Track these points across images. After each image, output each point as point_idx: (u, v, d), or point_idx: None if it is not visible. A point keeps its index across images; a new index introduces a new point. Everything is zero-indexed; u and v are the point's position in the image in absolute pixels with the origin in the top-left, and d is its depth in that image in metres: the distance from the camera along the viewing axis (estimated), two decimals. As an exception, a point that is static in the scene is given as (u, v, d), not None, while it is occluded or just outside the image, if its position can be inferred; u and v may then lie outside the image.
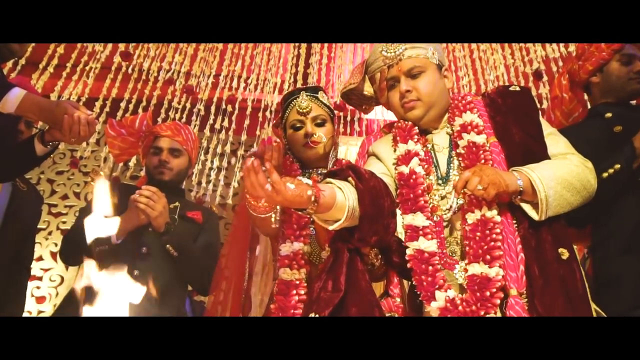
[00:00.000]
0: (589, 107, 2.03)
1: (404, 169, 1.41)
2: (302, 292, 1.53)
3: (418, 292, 1.30)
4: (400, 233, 1.41)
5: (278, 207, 1.55)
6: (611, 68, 1.88)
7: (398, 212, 1.40)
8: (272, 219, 1.56)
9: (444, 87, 1.51)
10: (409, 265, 1.32)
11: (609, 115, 1.85)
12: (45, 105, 1.62)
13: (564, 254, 1.28)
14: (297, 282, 1.56)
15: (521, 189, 1.28)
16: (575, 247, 1.38)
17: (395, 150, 1.48)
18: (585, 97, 2.06)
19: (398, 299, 1.38)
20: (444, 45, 3.60)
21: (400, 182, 1.40)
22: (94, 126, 1.66)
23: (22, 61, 3.24)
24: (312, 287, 1.31)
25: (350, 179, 1.26)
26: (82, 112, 1.62)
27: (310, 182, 1.15)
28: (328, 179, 1.27)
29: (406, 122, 1.49)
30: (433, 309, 1.26)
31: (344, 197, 1.21)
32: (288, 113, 1.81)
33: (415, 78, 1.46)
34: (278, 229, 1.67)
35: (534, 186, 1.28)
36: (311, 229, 1.67)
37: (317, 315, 1.19)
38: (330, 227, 1.25)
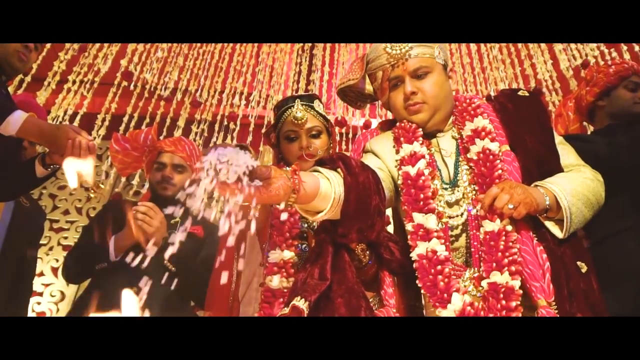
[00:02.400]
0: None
1: (410, 170, 1.34)
2: None
3: (427, 294, 1.23)
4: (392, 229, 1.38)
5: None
6: (618, 93, 2.00)
7: (389, 210, 1.37)
8: (252, 209, 1.53)
9: (450, 89, 1.44)
10: (415, 265, 1.26)
11: None
12: (46, 129, 1.62)
13: (583, 267, 1.25)
14: (285, 291, 1.48)
15: (548, 206, 1.25)
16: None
17: (397, 151, 1.41)
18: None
19: (394, 310, 1.30)
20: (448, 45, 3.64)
21: (407, 182, 1.33)
22: (94, 151, 1.66)
23: (28, 78, 3.28)
24: (295, 278, 1.27)
25: (339, 170, 1.21)
26: (83, 137, 1.63)
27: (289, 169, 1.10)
28: (317, 167, 1.22)
29: (410, 123, 1.42)
30: (448, 312, 1.19)
31: (330, 187, 1.15)
32: (282, 122, 1.75)
33: (420, 79, 1.39)
34: (264, 220, 1.62)
35: (558, 203, 1.25)
36: (304, 246, 1.63)
37: (302, 299, 1.14)
38: (313, 218, 1.19)
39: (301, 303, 1.15)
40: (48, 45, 3.19)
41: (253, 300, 1.77)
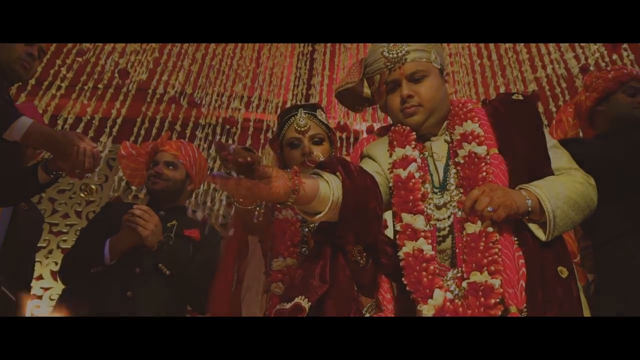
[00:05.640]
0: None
1: (401, 172, 1.36)
2: None
3: (410, 290, 1.25)
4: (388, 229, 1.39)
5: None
6: (617, 98, 1.99)
7: (388, 213, 1.38)
8: (256, 212, 1.53)
9: (446, 93, 1.47)
10: (401, 262, 1.28)
11: None
12: (51, 136, 1.63)
13: (563, 272, 1.25)
14: None
15: (530, 209, 1.25)
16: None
17: (391, 155, 1.43)
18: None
19: (392, 315, 1.32)
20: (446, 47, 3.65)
21: (398, 184, 1.36)
22: (98, 159, 1.68)
23: (32, 81, 3.27)
24: (293, 273, 1.30)
25: (338, 173, 1.24)
26: (88, 144, 1.64)
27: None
28: (317, 170, 1.25)
29: (404, 127, 1.44)
30: (428, 307, 1.21)
31: (329, 190, 1.19)
32: (285, 130, 1.79)
33: (417, 82, 1.41)
34: (266, 227, 1.65)
35: (542, 206, 1.25)
36: (304, 249, 1.64)
37: (306, 299, 1.18)
38: (311, 219, 1.23)
39: (305, 302, 1.18)
40: (53, 47, 3.19)
41: (253, 303, 1.78)
